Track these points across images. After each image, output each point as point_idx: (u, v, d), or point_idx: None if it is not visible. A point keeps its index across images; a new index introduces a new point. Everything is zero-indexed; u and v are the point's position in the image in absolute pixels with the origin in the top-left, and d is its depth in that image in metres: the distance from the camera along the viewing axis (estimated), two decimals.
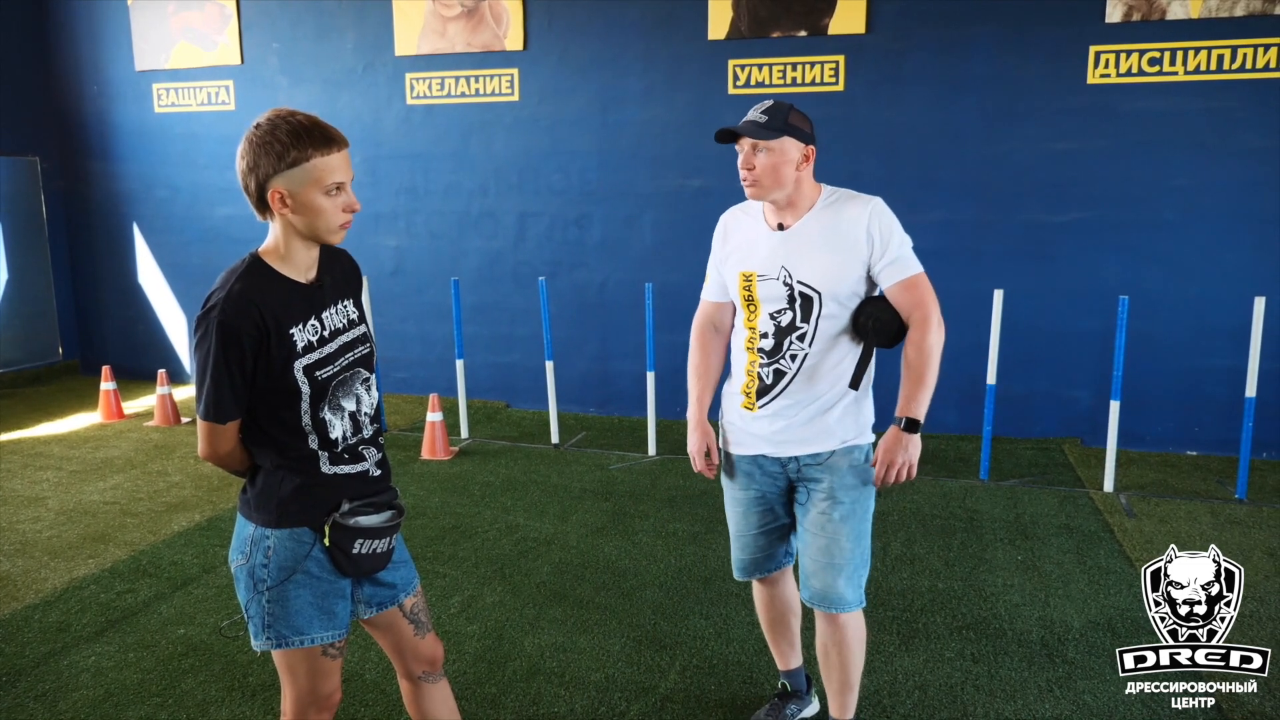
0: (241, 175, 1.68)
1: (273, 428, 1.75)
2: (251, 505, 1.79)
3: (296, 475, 1.76)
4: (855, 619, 2.34)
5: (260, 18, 6.72)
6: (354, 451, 1.83)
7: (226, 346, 1.64)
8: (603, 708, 2.78)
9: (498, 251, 6.50)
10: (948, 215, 5.56)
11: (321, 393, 1.75)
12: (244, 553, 1.79)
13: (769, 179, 2.16)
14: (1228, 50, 5.00)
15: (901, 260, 2.18)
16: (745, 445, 2.35)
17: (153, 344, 7.51)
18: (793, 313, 2.21)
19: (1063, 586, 3.58)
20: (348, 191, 1.71)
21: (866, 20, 5.52)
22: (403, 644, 2.00)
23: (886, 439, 2.19)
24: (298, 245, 1.74)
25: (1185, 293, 5.26)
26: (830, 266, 2.17)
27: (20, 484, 4.93)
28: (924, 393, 2.17)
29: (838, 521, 2.26)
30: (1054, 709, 2.75)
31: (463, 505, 4.55)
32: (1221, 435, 5.26)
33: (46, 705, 2.81)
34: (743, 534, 2.44)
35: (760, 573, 2.50)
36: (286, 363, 1.70)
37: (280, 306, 1.70)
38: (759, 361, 2.27)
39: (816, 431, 2.25)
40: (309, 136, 1.64)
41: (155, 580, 3.70)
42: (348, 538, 1.79)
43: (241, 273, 1.69)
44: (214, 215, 7.11)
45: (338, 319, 1.81)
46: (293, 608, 1.78)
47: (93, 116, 7.33)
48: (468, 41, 6.26)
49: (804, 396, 2.24)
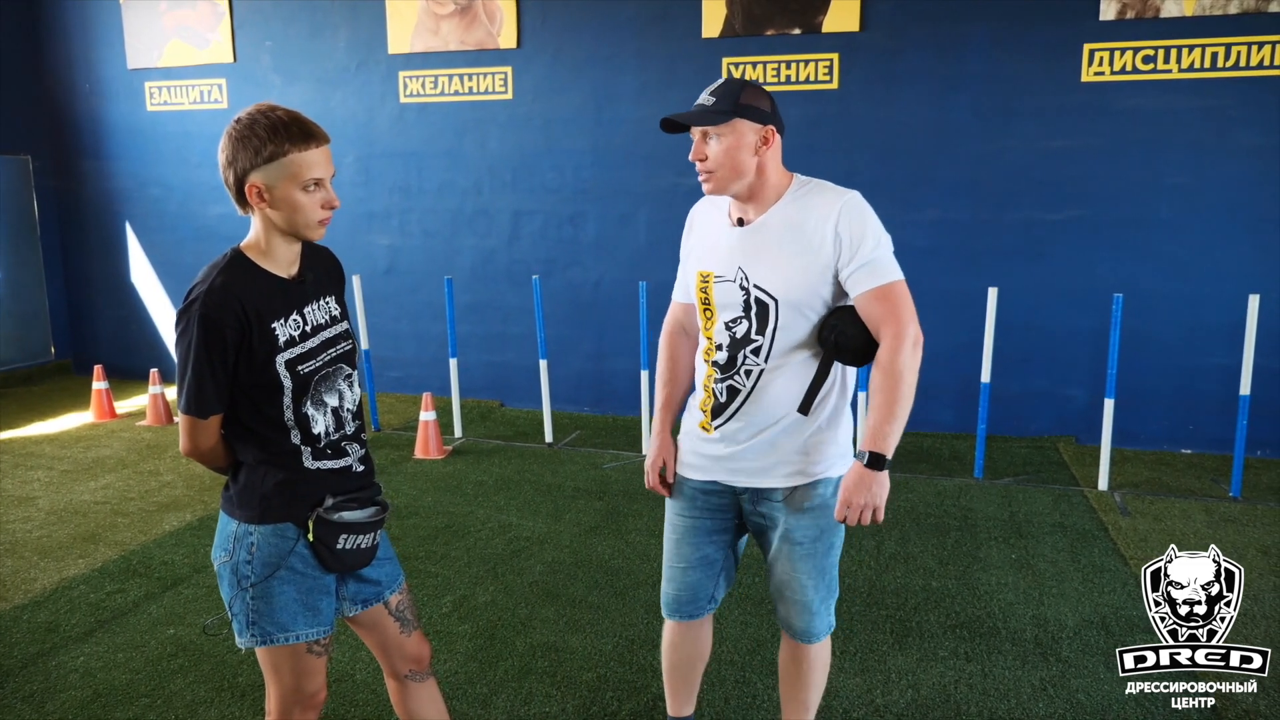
0: (221, 168, 1.69)
1: (255, 423, 1.74)
2: (234, 502, 1.78)
3: (279, 470, 1.76)
4: (819, 648, 2.16)
5: (253, 15, 6.69)
6: (336, 447, 1.83)
7: (208, 340, 1.64)
8: (595, 707, 2.76)
9: (491, 250, 6.49)
10: (942, 214, 5.56)
11: (304, 387, 1.75)
12: (227, 549, 1.78)
13: (725, 169, 1.90)
14: (1222, 48, 5.00)
15: (874, 265, 1.88)
16: (695, 468, 2.11)
17: (145, 343, 7.49)
18: (748, 322, 1.94)
19: (1057, 585, 3.58)
20: (327, 188, 1.71)
21: (861, 18, 5.51)
22: (388, 642, 1.99)
23: (847, 478, 1.91)
24: (278, 240, 1.74)
25: (1180, 291, 5.26)
26: (790, 269, 1.90)
27: (11, 483, 4.91)
28: (893, 424, 1.86)
29: (796, 561, 2.04)
30: (1048, 708, 2.74)
31: (456, 504, 4.53)
32: (1216, 433, 5.26)
33: (34, 706, 2.78)
34: (673, 565, 2.17)
35: (682, 615, 2.20)
36: (268, 357, 1.69)
37: (262, 300, 1.69)
38: (714, 375, 2.02)
39: (772, 462, 2.00)
40: (286, 131, 1.64)
41: (145, 580, 3.67)
42: (332, 533, 1.78)
43: (223, 267, 1.69)
44: (207, 214, 7.09)
45: (320, 315, 1.81)
46: (277, 604, 1.76)
47: (85, 115, 7.30)
48: (461, 39, 6.24)
49: (758, 419, 1.98)
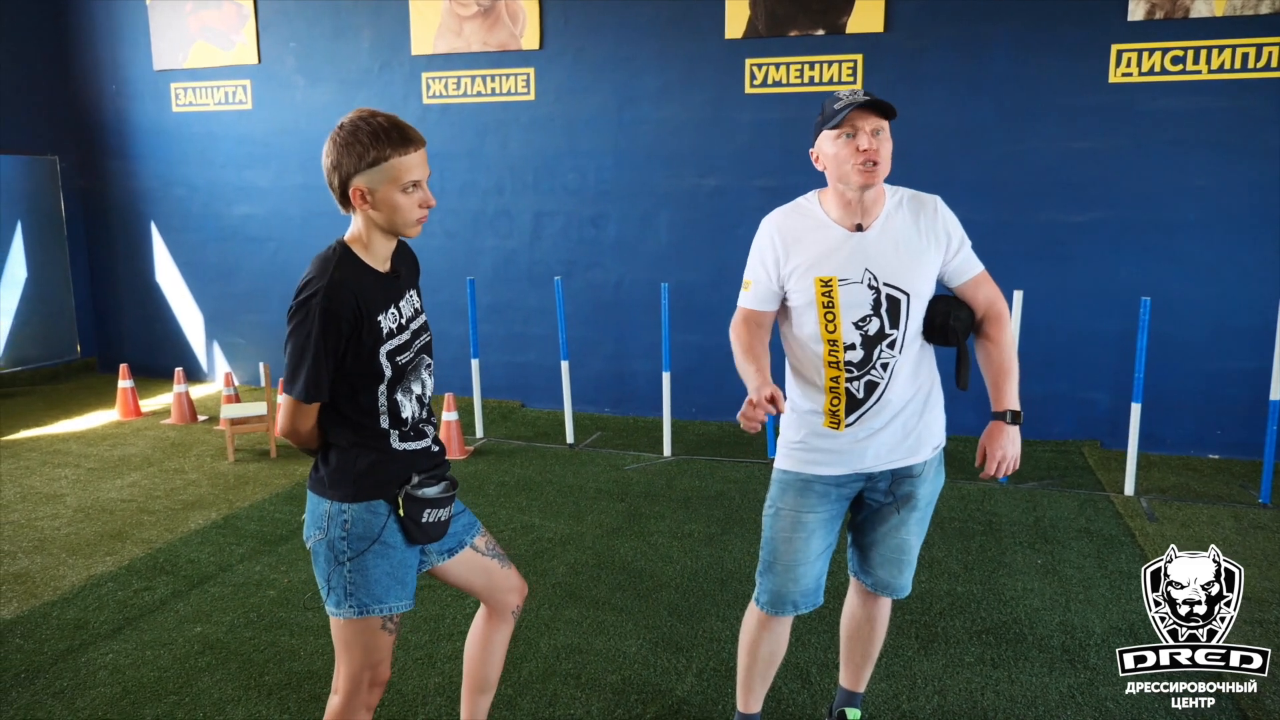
0: (326, 172, 1.81)
1: (349, 408, 1.86)
2: (326, 482, 1.89)
3: (371, 452, 1.88)
4: (892, 601, 2.48)
5: (277, 17, 6.74)
6: (418, 429, 1.96)
7: (326, 331, 1.75)
8: (619, 710, 2.76)
9: (513, 251, 6.50)
10: (966, 215, 5.40)
11: (400, 376, 1.88)
12: (321, 527, 1.89)
13: (886, 165, 2.07)
14: (1252, 49, 4.94)
15: (970, 256, 2.19)
16: (827, 464, 2.20)
17: (170, 342, 7.55)
18: (879, 319, 2.10)
19: (1083, 591, 3.54)
20: (424, 188, 1.83)
21: (885, 19, 5.49)
22: (493, 578, 2.15)
23: (992, 433, 2.15)
24: (378, 238, 1.86)
25: (1207, 294, 5.20)
26: (916, 266, 2.11)
27: (39, 481, 4.96)
28: (1015, 385, 2.17)
29: (913, 525, 2.27)
30: (1076, 715, 2.71)
31: (478, 505, 4.54)
32: (1244, 438, 5.20)
33: (64, 703, 2.81)
34: (801, 562, 2.23)
35: (804, 606, 2.28)
36: (374, 348, 1.82)
37: (370, 295, 1.82)
38: (845, 376, 2.13)
39: (916, 441, 2.20)
40: (388, 137, 1.75)
41: (172, 578, 3.71)
42: (418, 508, 1.91)
43: (338, 261, 1.80)
44: (231, 214, 7.14)
45: (408, 308, 1.94)
46: (372, 577, 1.88)
47: (111, 116, 7.37)
48: (484, 41, 6.26)
49: (899, 405, 2.16)
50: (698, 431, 5.93)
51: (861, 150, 2.02)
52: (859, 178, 2.04)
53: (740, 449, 5.51)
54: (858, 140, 2.03)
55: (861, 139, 2.03)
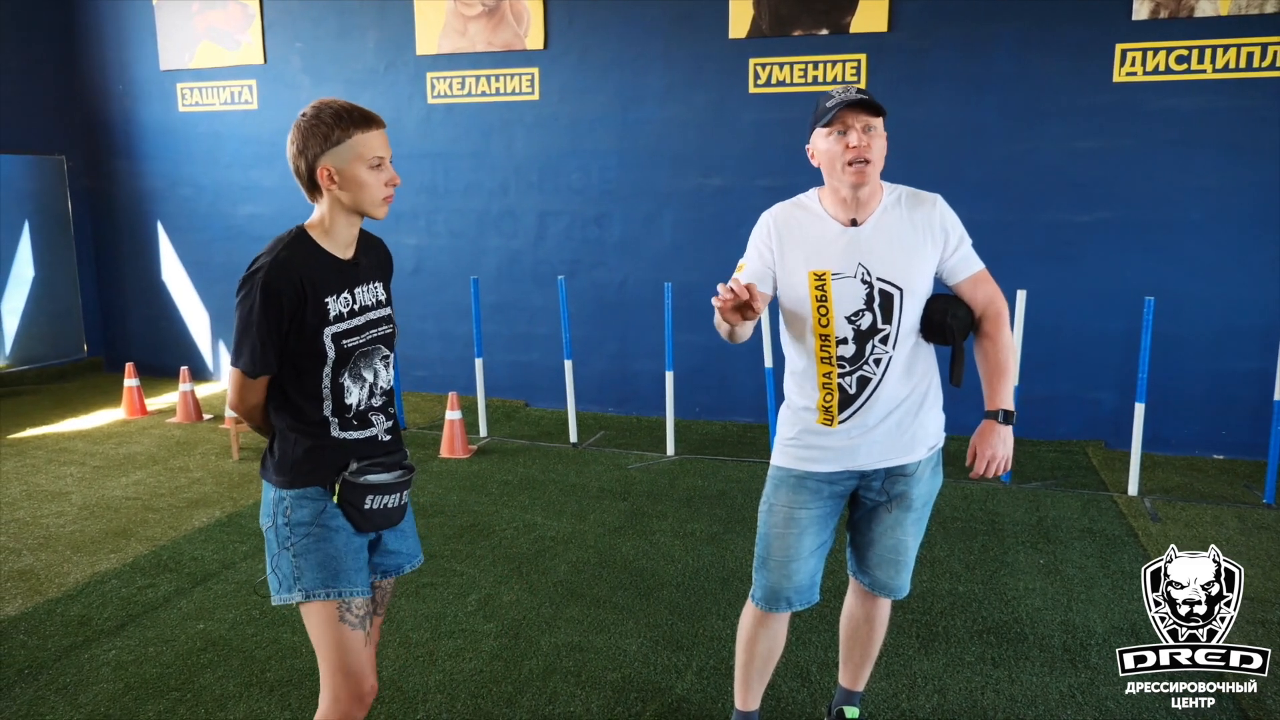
0: (292, 159, 1.85)
1: (293, 391, 1.89)
2: (271, 470, 1.93)
3: (308, 439, 1.90)
4: (891, 602, 2.47)
5: (282, 17, 6.76)
6: (363, 418, 1.96)
7: (267, 305, 1.78)
8: (619, 708, 2.77)
9: (517, 250, 6.51)
10: (970, 215, 5.39)
11: (344, 359, 1.89)
12: (269, 515, 1.93)
13: (878, 162, 2.08)
14: (1258, 48, 4.92)
15: (969, 254, 2.18)
16: (820, 461, 2.21)
17: (175, 341, 7.58)
18: (872, 314, 2.11)
19: (1085, 591, 3.54)
20: (388, 167, 1.88)
21: (888, 18, 5.48)
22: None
23: (983, 433, 2.16)
24: (342, 221, 1.90)
25: (1212, 294, 5.18)
26: (911, 262, 2.11)
27: (44, 479, 4.99)
28: (1010, 385, 2.17)
29: (908, 525, 2.27)
30: (1076, 715, 2.71)
31: (481, 504, 4.55)
32: (1249, 439, 5.18)
33: (67, 698, 2.83)
34: (794, 558, 2.24)
35: (798, 603, 2.28)
36: (318, 328, 1.84)
37: (319, 276, 1.85)
38: (838, 371, 2.14)
39: (910, 439, 2.19)
40: (350, 116, 1.83)
41: (175, 575, 3.72)
42: (358, 494, 1.91)
43: (288, 243, 1.84)
44: (237, 214, 7.17)
45: (368, 297, 1.95)
46: (315, 560, 1.89)
47: (118, 116, 7.41)
48: (488, 40, 6.27)
49: (892, 402, 2.15)
50: (701, 431, 5.93)
51: (851, 147, 2.05)
52: (849, 178, 2.07)
53: (743, 449, 5.51)
54: (848, 137, 2.06)
55: (852, 136, 2.05)
